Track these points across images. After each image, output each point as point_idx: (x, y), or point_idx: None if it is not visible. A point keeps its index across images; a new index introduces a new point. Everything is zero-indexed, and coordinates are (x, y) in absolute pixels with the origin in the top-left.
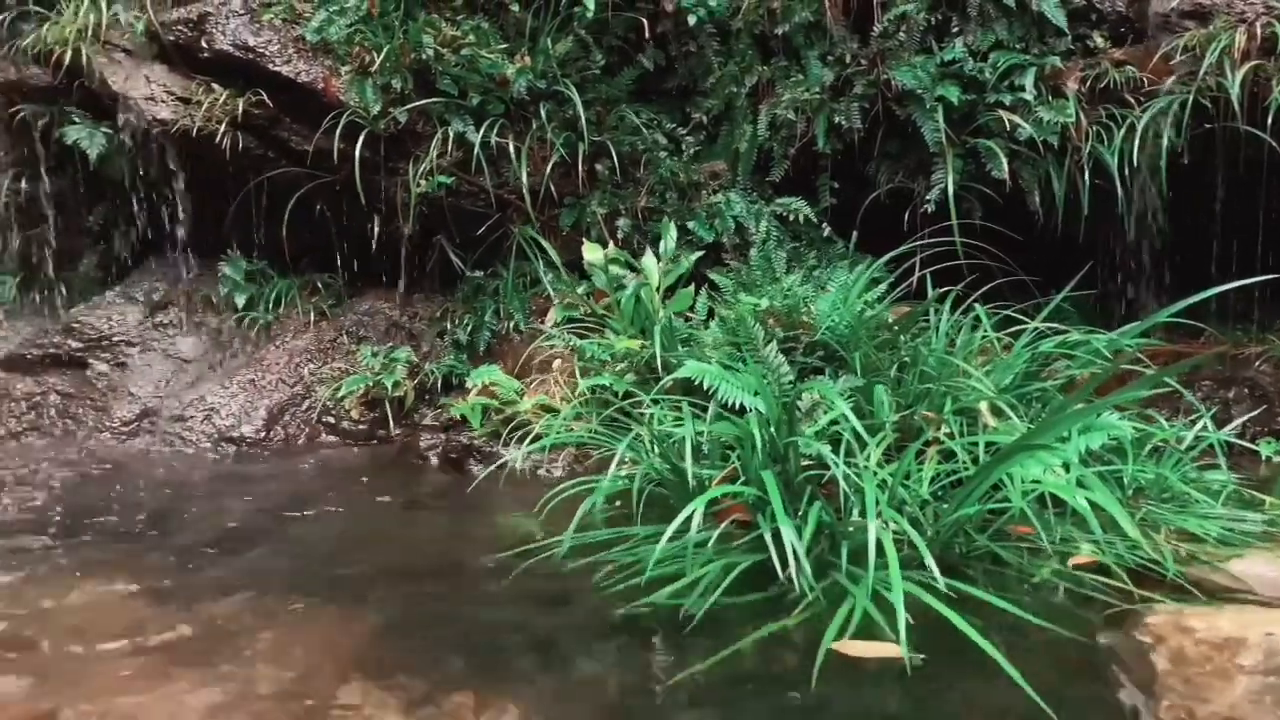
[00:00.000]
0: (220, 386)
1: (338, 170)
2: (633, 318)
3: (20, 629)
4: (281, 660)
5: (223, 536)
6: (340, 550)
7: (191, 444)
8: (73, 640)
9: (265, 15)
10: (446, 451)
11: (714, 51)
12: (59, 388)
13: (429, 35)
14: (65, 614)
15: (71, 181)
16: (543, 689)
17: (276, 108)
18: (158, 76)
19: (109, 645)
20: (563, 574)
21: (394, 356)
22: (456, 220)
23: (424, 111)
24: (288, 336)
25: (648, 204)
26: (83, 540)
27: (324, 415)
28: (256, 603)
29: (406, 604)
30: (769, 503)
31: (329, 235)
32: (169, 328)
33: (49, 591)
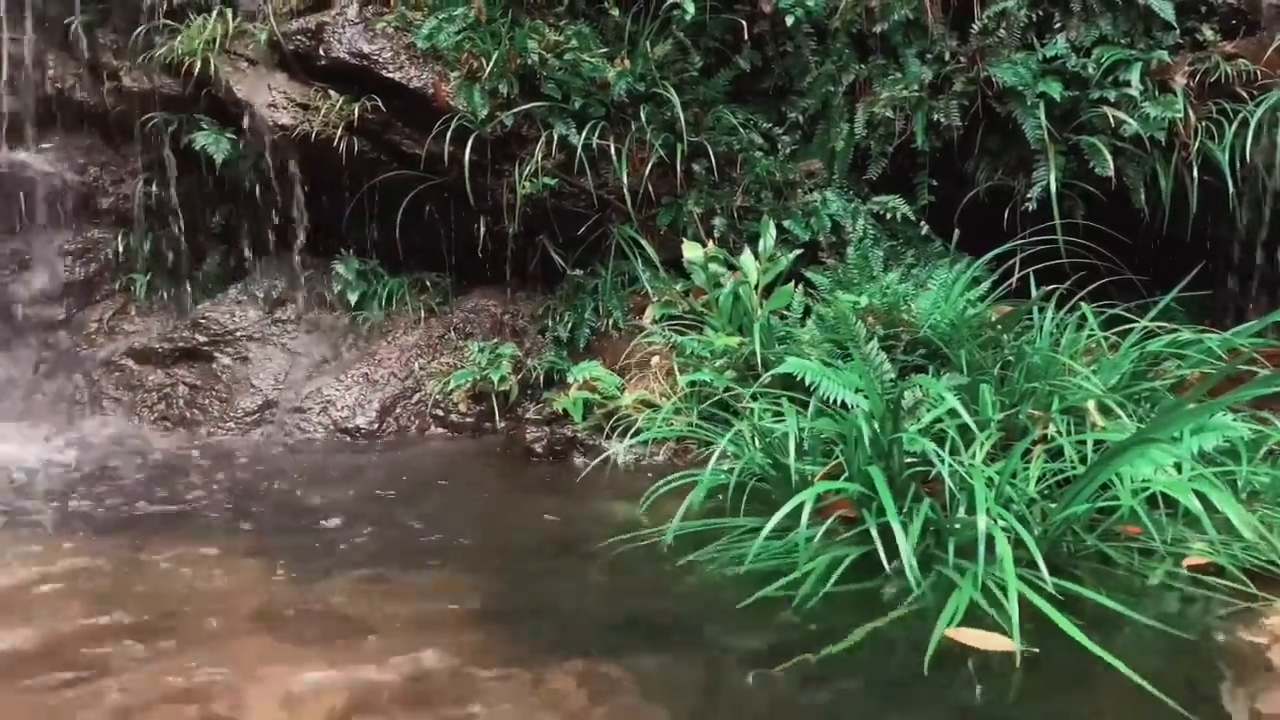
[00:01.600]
0: (336, 380)
1: (446, 173)
2: (731, 315)
3: (168, 604)
4: (402, 631)
5: (344, 520)
6: (454, 532)
7: (309, 434)
8: (214, 615)
9: (379, 24)
10: (551, 444)
11: (811, 51)
12: (187, 379)
13: (533, 41)
14: (206, 591)
15: (197, 185)
16: (651, 667)
17: (389, 113)
18: (279, 84)
19: (246, 621)
20: (669, 561)
21: (499, 352)
22: (558, 220)
23: (528, 115)
24: (398, 333)
25: (743, 203)
26: (219, 522)
27: (434, 408)
28: (378, 579)
29: (518, 583)
30: (874, 498)
31: (437, 235)
32: (287, 324)
33: (187, 571)
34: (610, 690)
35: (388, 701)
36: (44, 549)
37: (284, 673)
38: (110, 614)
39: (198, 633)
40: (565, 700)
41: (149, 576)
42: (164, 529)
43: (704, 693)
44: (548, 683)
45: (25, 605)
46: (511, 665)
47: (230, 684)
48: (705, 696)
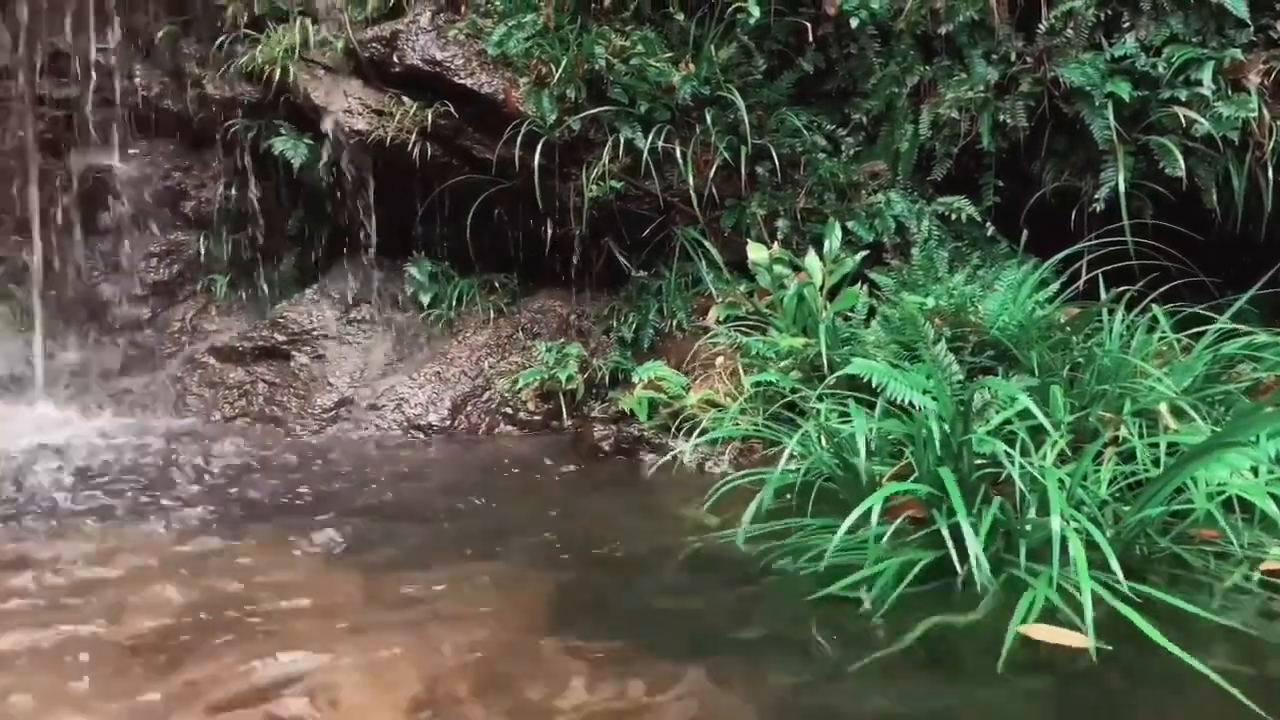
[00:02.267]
0: (409, 378)
1: (515, 177)
2: (795, 316)
3: (253, 594)
4: (474, 623)
5: (421, 513)
6: (526, 527)
7: (384, 430)
8: (298, 604)
9: (450, 31)
10: (618, 442)
11: (875, 53)
12: (266, 377)
13: (601, 46)
14: (289, 582)
15: (275, 189)
16: (721, 663)
17: (461, 118)
18: (354, 90)
19: (328, 611)
20: (738, 559)
21: (566, 352)
22: (624, 222)
23: (595, 119)
24: (468, 332)
25: (806, 205)
26: (302, 514)
27: (503, 406)
28: (454, 571)
29: (588, 576)
30: (944, 499)
31: (505, 238)
32: (362, 323)
33: (274, 561)
34: (682, 685)
35: (465, 690)
36: (138, 537)
37: (364, 658)
38: (205, 600)
39: (284, 618)
40: (631, 693)
41: (232, 566)
42: (255, 520)
43: (778, 690)
44: (620, 675)
45: (135, 588)
46: (582, 658)
47: (318, 668)
48: (779, 693)
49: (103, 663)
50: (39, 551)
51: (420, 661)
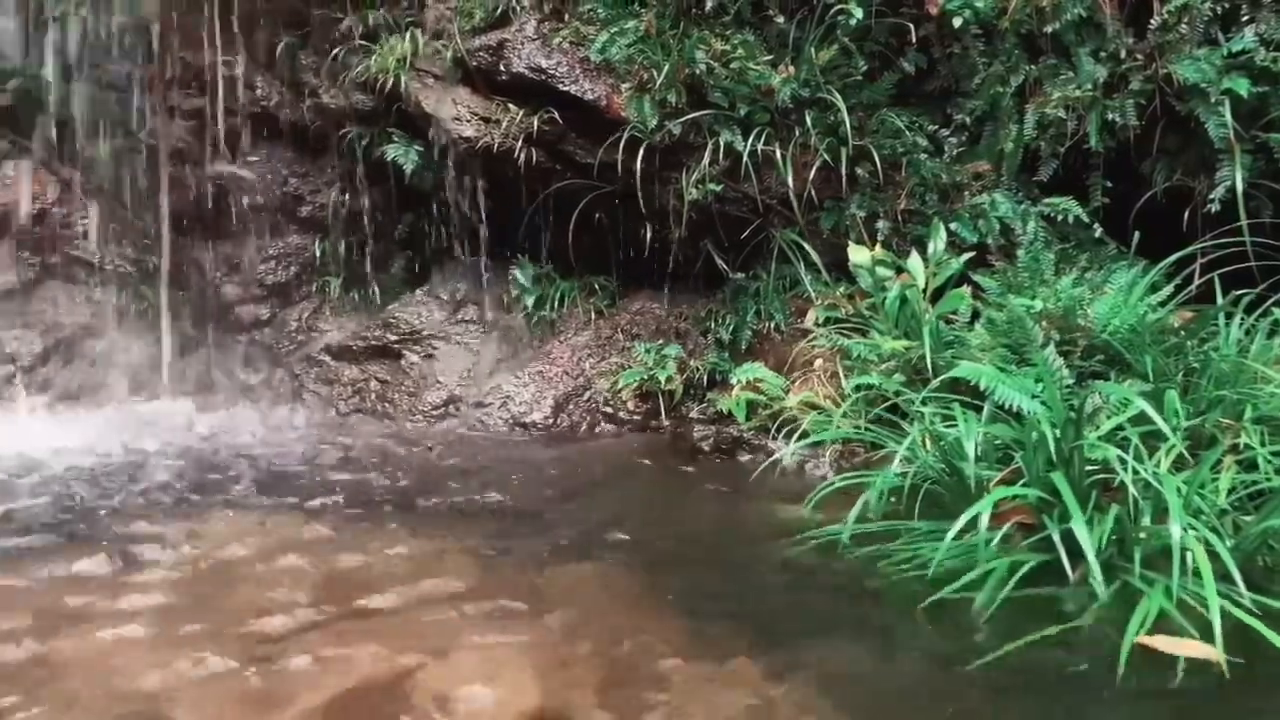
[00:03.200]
0: (513, 377)
1: (616, 181)
2: (897, 319)
3: (371, 582)
4: (590, 616)
5: (529, 507)
6: (631, 524)
7: (490, 427)
8: (416, 594)
9: (555, 39)
10: (718, 443)
11: (979, 52)
12: (378, 375)
13: (701, 51)
14: (406, 571)
15: (385, 194)
16: (831, 662)
17: (564, 124)
18: (462, 98)
19: (445, 601)
20: (844, 561)
21: (665, 353)
22: (722, 225)
23: (695, 123)
24: (570, 333)
25: (908, 206)
26: (415, 507)
27: (603, 405)
28: (564, 565)
29: (695, 575)
30: (1055, 505)
31: (605, 241)
32: (469, 324)
33: (391, 551)
34: (791, 682)
35: (585, 684)
36: (262, 525)
37: (482, 650)
38: (327, 587)
39: (403, 607)
40: (746, 687)
41: (351, 555)
42: (372, 511)
43: (885, 690)
44: (729, 670)
45: (261, 574)
46: (692, 653)
47: (437, 658)
48: (886, 694)
49: (226, 645)
50: (172, 538)
51: (537, 656)
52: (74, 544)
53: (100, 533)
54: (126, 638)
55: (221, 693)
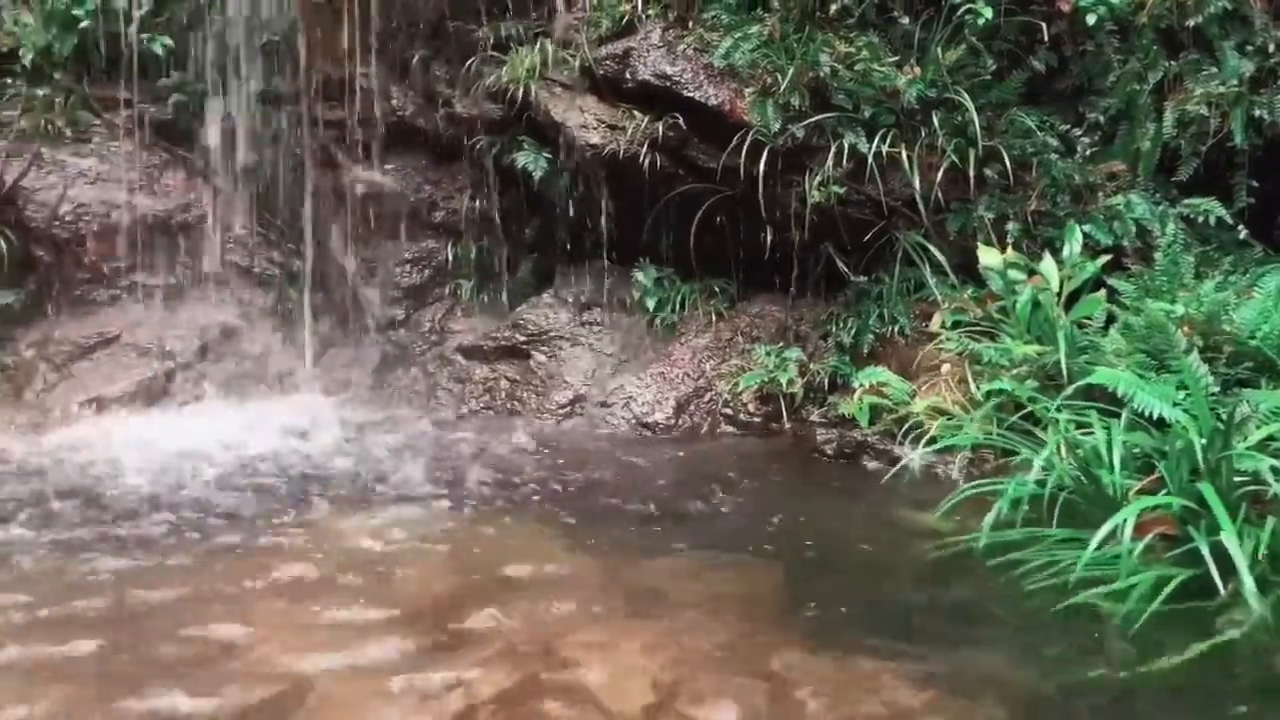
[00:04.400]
0: (636, 378)
1: (738, 185)
2: (1029, 323)
3: (507, 573)
4: (716, 614)
5: (653, 504)
6: (756, 524)
7: (614, 427)
8: (550, 585)
9: (679, 46)
10: (841, 446)
11: (1113, 49)
12: (508, 374)
13: (825, 54)
14: (540, 563)
15: (514, 200)
16: (965, 669)
17: (688, 129)
18: (589, 106)
19: (577, 593)
20: (976, 566)
21: (785, 356)
22: (845, 228)
23: (818, 126)
24: (690, 335)
25: (1038, 207)
26: (546, 503)
27: (723, 407)
28: (690, 562)
29: (822, 575)
30: (1201, 516)
31: (725, 244)
32: (593, 326)
33: (525, 543)
34: (924, 687)
35: (710, 682)
36: (402, 517)
37: (613, 642)
38: (466, 576)
39: (538, 597)
40: (875, 689)
41: (487, 546)
42: (505, 503)
43: (1022, 699)
44: (858, 671)
45: (404, 562)
46: (820, 652)
47: (569, 648)
48: (1023, 703)
49: (376, 630)
50: (321, 527)
51: (665, 647)
52: (246, 530)
53: (268, 521)
54: (292, 613)
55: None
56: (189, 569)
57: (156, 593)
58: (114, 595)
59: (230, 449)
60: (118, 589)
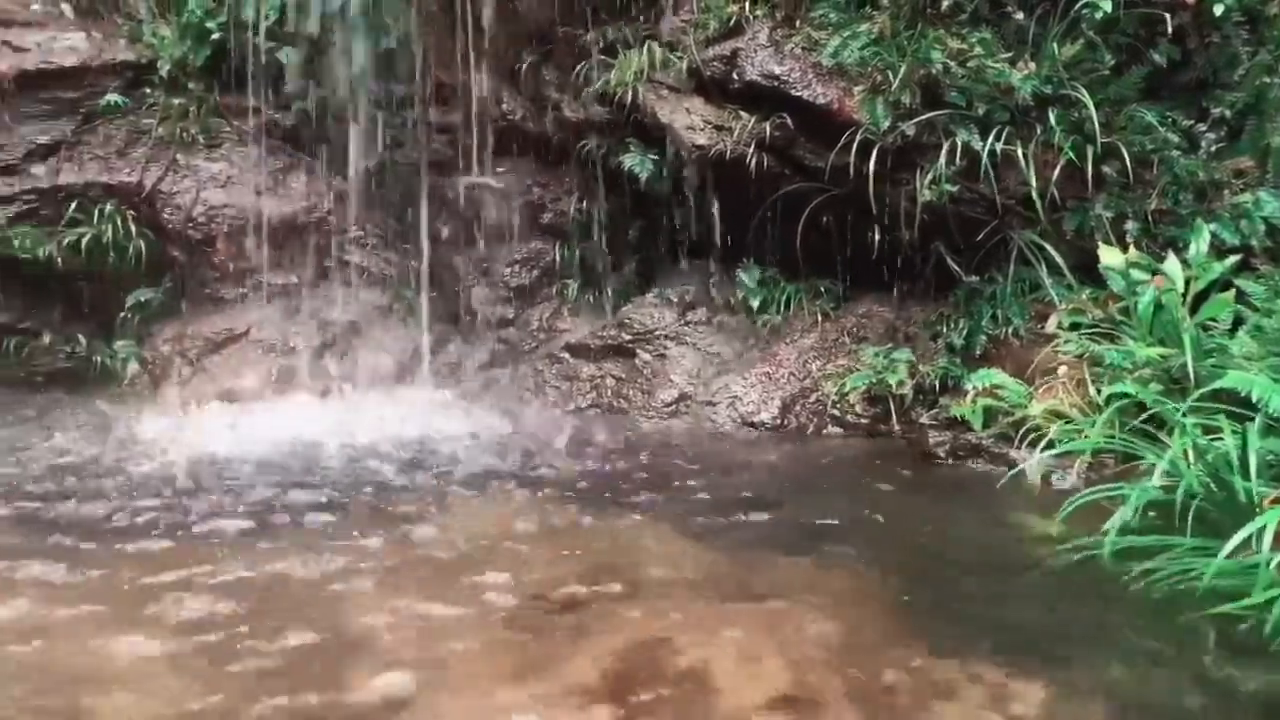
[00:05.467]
0: (740, 377)
1: (846, 184)
2: (1152, 325)
3: (621, 567)
4: (829, 614)
5: (763, 502)
6: (867, 525)
7: (719, 425)
8: (665, 581)
9: (787, 45)
10: (954, 448)
11: (1241, 42)
12: (613, 372)
13: (937, 50)
14: (654, 558)
15: (619, 201)
16: (1090, 677)
17: (795, 129)
18: (696, 107)
19: (691, 589)
20: (1100, 573)
21: (894, 357)
22: (956, 227)
23: (929, 123)
24: (795, 335)
25: (1159, 206)
26: (656, 497)
27: (830, 408)
28: (800, 562)
29: (937, 578)
30: None
31: (831, 244)
32: (698, 325)
33: (637, 537)
34: (1046, 694)
35: (826, 682)
36: (514, 508)
37: (728, 638)
38: (582, 567)
39: (653, 594)
40: (995, 694)
41: (600, 538)
42: (616, 498)
43: (1154, 711)
44: (974, 674)
45: (519, 553)
46: (938, 656)
47: (684, 642)
48: (1156, 715)
49: (495, 619)
50: (435, 517)
51: (784, 644)
52: (377, 512)
53: (392, 507)
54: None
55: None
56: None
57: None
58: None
59: (351, 439)
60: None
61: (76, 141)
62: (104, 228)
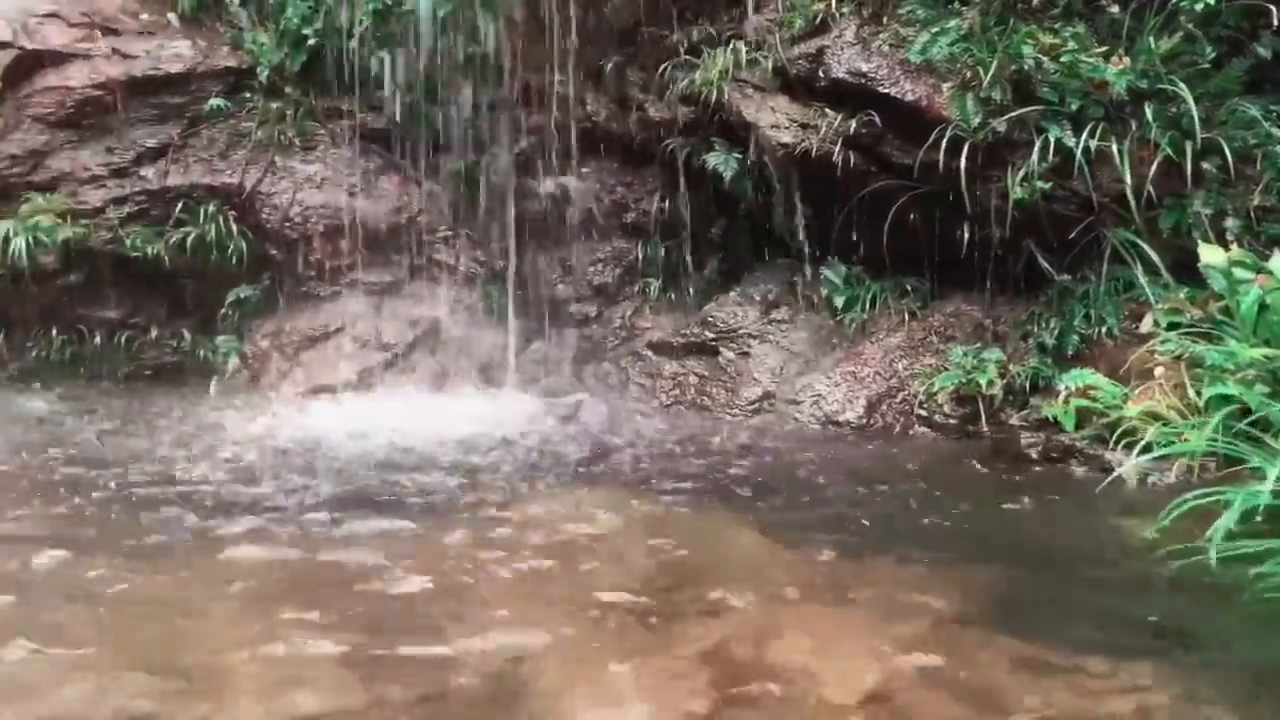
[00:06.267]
0: (825, 376)
1: (934, 181)
2: (1255, 325)
3: (707, 561)
4: (920, 612)
5: (850, 500)
6: (957, 525)
7: (803, 424)
8: (750, 574)
9: (874, 43)
10: (1047, 450)
11: None
12: (696, 370)
13: (1029, 45)
14: (739, 552)
15: (701, 200)
16: (1192, 687)
17: (882, 126)
18: (780, 106)
19: (778, 584)
20: (1204, 579)
21: (983, 356)
22: (1048, 224)
23: (1021, 120)
24: (881, 334)
25: (1262, 202)
26: (742, 493)
27: (917, 407)
28: (889, 560)
29: (1032, 580)
30: None
31: (918, 242)
32: (781, 324)
33: (722, 533)
34: (1149, 700)
35: (917, 679)
36: (603, 502)
37: (820, 626)
38: (682, 562)
39: (739, 587)
40: (1096, 700)
41: (686, 533)
42: (704, 493)
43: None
44: (1076, 679)
45: (608, 546)
46: (1040, 657)
47: (772, 637)
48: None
49: (587, 608)
50: (522, 508)
51: (880, 645)
52: (470, 501)
53: (481, 498)
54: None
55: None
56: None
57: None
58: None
59: (439, 433)
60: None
61: (182, 145)
62: (208, 227)
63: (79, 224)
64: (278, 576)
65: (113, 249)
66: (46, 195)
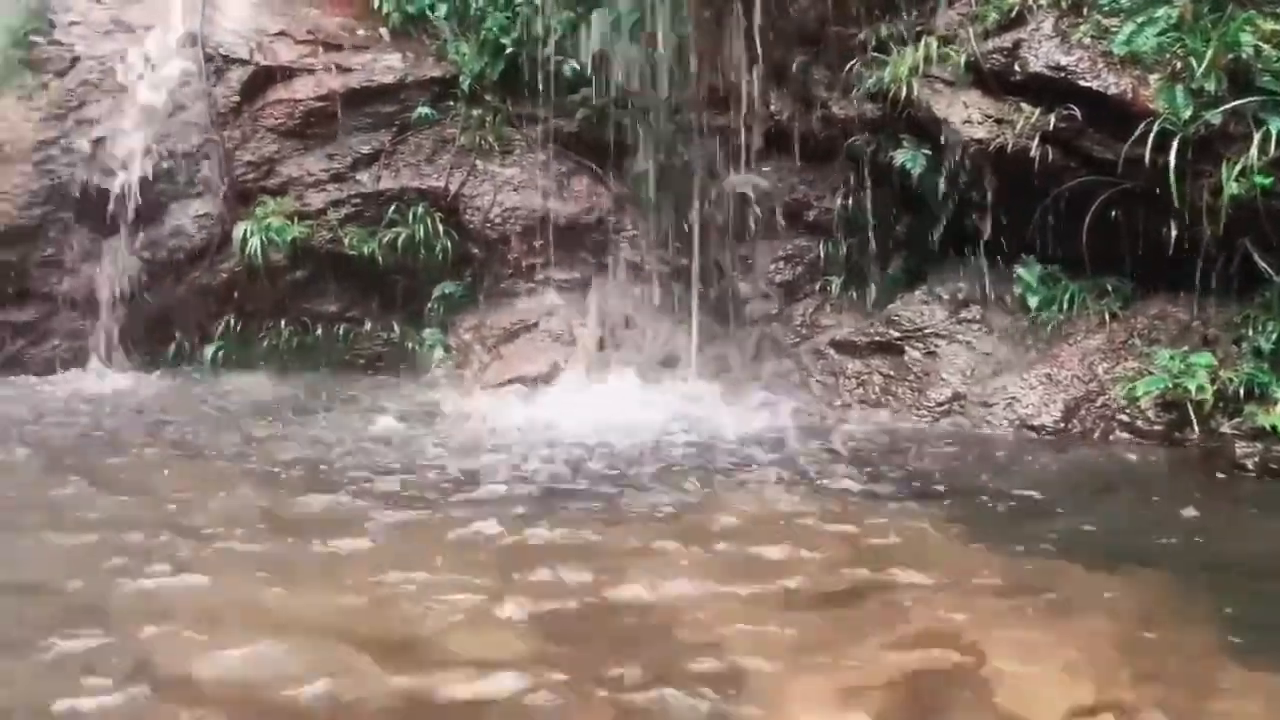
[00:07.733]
0: (1019, 378)
1: (1139, 177)
2: None
3: (893, 562)
4: (1135, 624)
5: (1051, 507)
6: (1169, 538)
7: (995, 427)
8: (952, 579)
9: (1074, 35)
10: (1264, 461)
11: None
12: (880, 369)
13: (1247, 33)
14: (928, 555)
15: (885, 197)
16: None
17: (1082, 120)
18: (973, 101)
19: (979, 590)
20: None
21: (1192, 361)
22: (1268, 222)
23: (1236, 112)
24: (1079, 336)
25: None
26: (930, 494)
27: (1118, 413)
28: (1095, 570)
29: (1255, 597)
30: None
31: (1118, 240)
32: (971, 324)
33: (910, 534)
34: None
35: (1133, 697)
36: (782, 500)
37: (1027, 636)
38: (873, 563)
39: (928, 592)
40: None
41: (871, 533)
42: (892, 493)
43: None
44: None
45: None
46: (1256, 670)
47: (980, 637)
48: None
49: (774, 604)
50: (703, 509)
51: (1085, 654)
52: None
53: (673, 488)
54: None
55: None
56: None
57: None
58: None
59: (629, 424)
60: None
61: (393, 150)
62: (417, 228)
63: (304, 224)
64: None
65: (332, 247)
66: (277, 198)
